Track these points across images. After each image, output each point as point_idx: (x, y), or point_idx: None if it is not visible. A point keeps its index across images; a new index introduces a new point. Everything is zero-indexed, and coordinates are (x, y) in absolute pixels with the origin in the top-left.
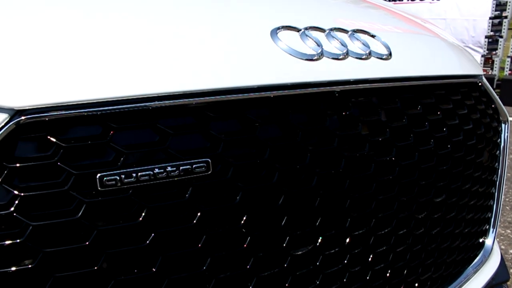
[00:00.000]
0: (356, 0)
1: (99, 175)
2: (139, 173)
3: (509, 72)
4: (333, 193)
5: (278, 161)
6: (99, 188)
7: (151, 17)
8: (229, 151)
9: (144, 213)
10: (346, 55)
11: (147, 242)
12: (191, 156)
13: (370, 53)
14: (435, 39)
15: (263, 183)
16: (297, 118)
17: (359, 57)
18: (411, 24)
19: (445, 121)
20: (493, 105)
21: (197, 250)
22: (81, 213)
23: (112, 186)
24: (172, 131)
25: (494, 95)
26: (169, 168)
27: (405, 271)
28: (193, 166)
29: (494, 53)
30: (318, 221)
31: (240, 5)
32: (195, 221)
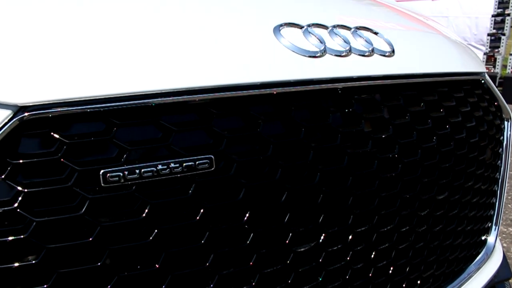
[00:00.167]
0: None
1: (102, 171)
2: (142, 170)
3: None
4: (336, 190)
5: (281, 158)
6: (102, 184)
7: (154, 14)
8: (232, 148)
9: (147, 209)
10: (349, 52)
11: (150, 239)
12: (194, 153)
13: (373, 50)
14: (437, 37)
15: (266, 180)
16: (300, 115)
17: (362, 54)
18: (414, 21)
19: (448, 118)
20: (496, 103)
21: (200, 246)
22: (84, 209)
23: (115, 182)
24: (175, 128)
25: (497, 92)
26: (172, 165)
27: (408, 268)
28: (196, 162)
29: (496, 51)
30: (321, 218)
31: (242, 2)
32: (198, 218)
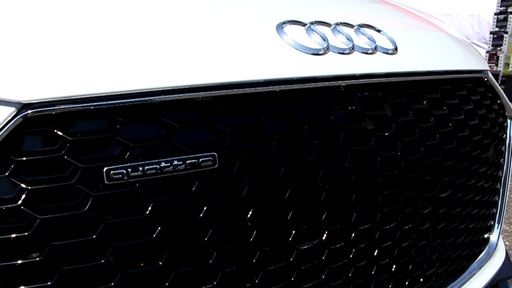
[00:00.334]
0: None
1: (105, 168)
2: (145, 167)
3: None
4: (338, 187)
5: (284, 156)
6: (105, 182)
7: (157, 11)
8: (235, 145)
9: (150, 206)
10: (352, 49)
11: (154, 236)
12: (197, 150)
13: (376, 47)
14: (440, 34)
15: (269, 177)
16: (303, 112)
17: (365, 52)
18: (417, 19)
19: (450, 116)
20: (498, 101)
21: (203, 244)
22: (88, 206)
23: (119, 179)
24: (179, 125)
25: (500, 90)
26: (175, 162)
27: (410, 266)
28: (200, 160)
29: (499, 49)
30: (324, 215)
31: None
32: (201, 215)
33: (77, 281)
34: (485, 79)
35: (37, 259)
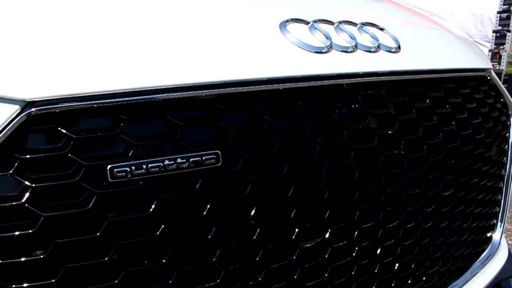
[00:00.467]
0: None
1: (109, 166)
2: (149, 165)
3: None
4: (342, 186)
5: (287, 154)
6: (109, 180)
7: (160, 9)
8: (238, 143)
9: (154, 204)
10: (355, 48)
11: (157, 234)
12: (200, 148)
13: (379, 46)
14: (443, 33)
15: (272, 175)
16: (306, 110)
17: (368, 50)
18: (419, 17)
19: (453, 114)
20: (501, 99)
21: (206, 242)
22: (91, 204)
23: (123, 177)
24: (182, 123)
25: (503, 89)
26: (179, 160)
27: (413, 264)
28: (203, 158)
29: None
30: (327, 214)
31: None
32: (204, 213)
33: (81, 278)
34: (488, 77)
35: (41, 256)
